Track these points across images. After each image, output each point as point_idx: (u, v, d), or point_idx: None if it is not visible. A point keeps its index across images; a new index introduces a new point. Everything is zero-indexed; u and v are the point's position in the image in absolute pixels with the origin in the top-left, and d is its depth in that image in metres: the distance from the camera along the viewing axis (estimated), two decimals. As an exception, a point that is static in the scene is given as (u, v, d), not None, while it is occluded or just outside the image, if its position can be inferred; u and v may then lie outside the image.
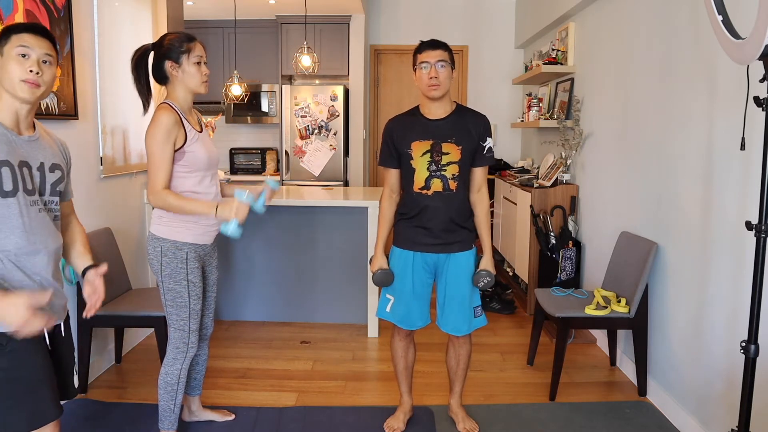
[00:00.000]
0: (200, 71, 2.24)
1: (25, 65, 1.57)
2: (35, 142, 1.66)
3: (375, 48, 6.13)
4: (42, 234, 1.62)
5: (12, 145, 1.58)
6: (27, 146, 1.62)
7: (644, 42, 3.17)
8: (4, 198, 1.53)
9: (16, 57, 1.57)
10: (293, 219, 3.96)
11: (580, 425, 2.69)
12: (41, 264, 1.62)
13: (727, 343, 2.35)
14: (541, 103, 4.97)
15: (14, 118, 1.61)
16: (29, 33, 1.61)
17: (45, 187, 1.66)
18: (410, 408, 2.70)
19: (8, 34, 1.59)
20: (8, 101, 1.59)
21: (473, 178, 2.47)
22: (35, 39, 1.61)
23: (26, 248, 1.58)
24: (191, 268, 2.28)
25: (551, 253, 3.98)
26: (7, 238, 1.54)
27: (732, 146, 2.33)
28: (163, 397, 2.35)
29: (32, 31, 1.62)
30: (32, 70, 1.58)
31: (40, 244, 1.60)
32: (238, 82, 4.77)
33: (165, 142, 2.15)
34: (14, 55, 1.57)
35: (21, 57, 1.57)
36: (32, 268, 1.60)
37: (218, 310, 4.06)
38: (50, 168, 1.68)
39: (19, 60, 1.57)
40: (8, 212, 1.54)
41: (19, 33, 1.59)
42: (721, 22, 1.69)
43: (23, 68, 1.57)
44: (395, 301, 2.50)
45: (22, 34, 1.60)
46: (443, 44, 2.37)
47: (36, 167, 1.63)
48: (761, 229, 1.69)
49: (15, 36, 1.58)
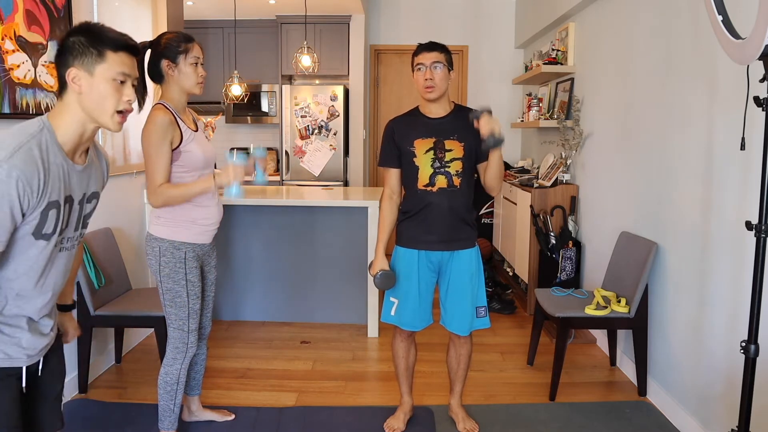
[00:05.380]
0: (196, 72, 2.24)
1: (122, 93, 1.37)
2: (85, 172, 1.45)
3: (375, 48, 6.13)
4: (54, 277, 1.45)
5: (65, 180, 1.37)
6: (77, 177, 1.41)
7: (644, 42, 3.17)
8: (37, 240, 1.34)
9: (112, 82, 1.35)
10: (293, 219, 3.96)
11: (580, 425, 2.69)
12: (39, 305, 1.44)
13: (727, 343, 2.35)
14: (541, 103, 4.97)
15: (77, 141, 1.39)
16: (127, 53, 1.38)
17: (79, 222, 1.48)
18: (410, 408, 2.69)
19: (103, 51, 1.34)
20: (80, 123, 1.37)
21: (481, 173, 2.47)
22: (132, 61, 1.39)
23: (31, 292, 1.41)
24: (190, 267, 2.28)
25: (551, 253, 3.98)
26: (18, 279, 1.36)
27: (732, 146, 2.33)
28: (163, 397, 2.35)
29: (129, 51, 1.39)
30: (130, 99, 1.38)
31: (47, 287, 1.44)
32: (238, 82, 4.77)
33: (161, 141, 2.14)
34: (110, 78, 1.35)
35: (119, 83, 1.36)
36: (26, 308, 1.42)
37: (218, 310, 4.06)
38: (89, 198, 1.50)
39: (116, 86, 1.36)
40: (34, 254, 1.36)
41: (116, 51, 1.35)
42: (721, 22, 1.69)
43: (120, 98, 1.36)
44: (400, 303, 2.50)
45: (121, 53, 1.36)
46: (440, 46, 2.38)
47: (78, 200, 1.44)
48: (761, 229, 1.69)
49: (113, 55, 1.35)
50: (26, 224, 1.31)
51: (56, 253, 1.42)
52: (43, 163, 1.30)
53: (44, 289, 1.43)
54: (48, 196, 1.31)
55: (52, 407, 1.58)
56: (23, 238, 1.32)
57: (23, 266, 1.36)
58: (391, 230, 2.54)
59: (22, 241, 1.33)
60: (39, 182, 1.28)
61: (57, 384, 1.60)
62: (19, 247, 1.33)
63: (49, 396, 1.57)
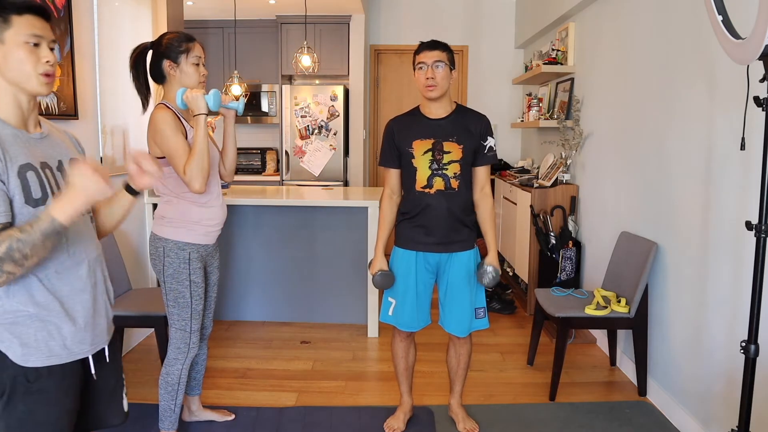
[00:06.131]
0: (198, 72, 2.24)
1: (39, 55, 1.35)
2: (46, 139, 1.44)
3: (375, 48, 6.13)
4: (81, 243, 1.42)
5: (27, 147, 1.36)
6: (39, 145, 1.41)
7: (644, 42, 3.17)
8: (35, 207, 1.32)
9: (24, 45, 1.33)
10: (293, 219, 3.96)
11: (580, 425, 2.69)
12: (83, 276, 1.43)
13: (727, 343, 2.35)
14: (541, 103, 4.97)
15: (20, 114, 1.38)
16: (34, 15, 1.36)
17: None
18: (410, 408, 2.70)
19: (7, 17, 1.33)
20: (11, 96, 1.36)
21: (475, 178, 2.47)
22: (41, 22, 1.37)
23: (67, 262, 1.39)
24: (194, 268, 2.28)
25: (551, 253, 3.98)
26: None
27: (732, 146, 2.33)
28: (164, 397, 2.35)
29: (36, 12, 1.36)
30: (49, 60, 1.36)
31: (79, 255, 1.41)
32: (238, 82, 4.77)
33: (175, 133, 2.15)
34: (22, 42, 1.33)
35: (32, 46, 1.34)
36: (75, 283, 1.40)
37: (218, 310, 4.06)
38: (70, 164, 1.46)
39: (30, 49, 1.34)
40: None
41: (21, 14, 1.34)
42: (721, 22, 1.69)
43: (38, 59, 1.35)
44: (397, 304, 2.50)
45: (27, 16, 1.34)
46: (442, 45, 2.38)
47: (56, 167, 1.42)
48: (761, 229, 1.69)
49: (18, 19, 1.33)
50: (14, 195, 1.31)
51: None
52: None
53: (78, 258, 1.42)
54: (14, 159, 1.31)
55: (110, 401, 1.58)
56: (21, 211, 1.33)
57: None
58: (390, 229, 2.54)
59: (23, 215, 1.33)
60: None
61: (113, 376, 1.59)
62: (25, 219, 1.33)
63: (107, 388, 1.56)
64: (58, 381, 1.38)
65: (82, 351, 1.44)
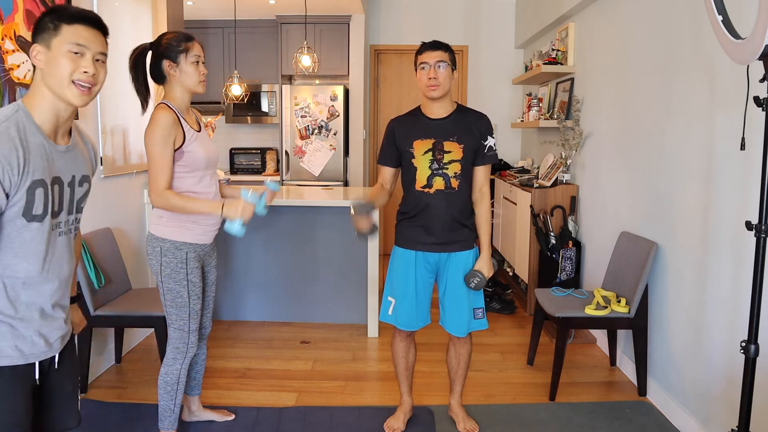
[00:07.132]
0: (198, 71, 2.24)
1: (78, 64, 1.36)
2: (69, 153, 1.45)
3: (375, 48, 6.13)
4: (58, 263, 1.45)
5: (48, 160, 1.37)
6: (61, 158, 1.42)
7: (644, 42, 3.17)
8: (29, 222, 1.35)
9: (67, 53, 1.35)
10: (293, 219, 3.96)
11: (580, 425, 2.69)
12: (48, 293, 1.45)
13: (727, 343, 2.35)
14: (541, 103, 4.97)
15: (54, 122, 1.40)
16: (84, 25, 1.37)
17: (72, 205, 1.48)
18: (410, 408, 2.69)
19: (58, 24, 1.34)
20: (51, 102, 1.37)
21: (475, 178, 2.47)
22: (91, 33, 1.38)
23: (36, 278, 1.41)
24: (191, 268, 2.28)
25: (551, 253, 3.98)
26: (20, 265, 1.37)
27: (732, 146, 2.33)
28: (163, 397, 2.35)
29: (88, 23, 1.38)
30: (87, 71, 1.37)
31: (53, 273, 1.44)
32: (238, 82, 4.77)
33: (165, 142, 2.14)
34: (65, 50, 1.34)
35: (74, 54, 1.35)
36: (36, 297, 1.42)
37: (218, 310, 4.06)
38: (80, 181, 1.50)
39: (71, 57, 1.35)
40: (30, 237, 1.36)
41: (71, 24, 1.35)
42: (721, 22, 1.69)
43: (76, 68, 1.36)
44: (397, 303, 2.50)
45: (76, 25, 1.36)
46: (444, 45, 2.38)
47: (67, 182, 1.44)
48: (761, 229, 1.69)
49: (67, 27, 1.34)
50: (14, 205, 1.32)
51: (54, 237, 1.43)
52: (22, 142, 1.32)
53: (50, 276, 1.44)
54: (31, 174, 1.33)
55: (66, 404, 1.59)
56: (14, 220, 1.34)
57: (22, 250, 1.37)
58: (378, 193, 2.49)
59: (14, 224, 1.34)
60: (18, 160, 1.30)
61: (69, 381, 1.60)
62: (13, 230, 1.35)
63: (63, 393, 1.58)
64: (6, 381, 1.40)
65: (32, 355, 1.44)
